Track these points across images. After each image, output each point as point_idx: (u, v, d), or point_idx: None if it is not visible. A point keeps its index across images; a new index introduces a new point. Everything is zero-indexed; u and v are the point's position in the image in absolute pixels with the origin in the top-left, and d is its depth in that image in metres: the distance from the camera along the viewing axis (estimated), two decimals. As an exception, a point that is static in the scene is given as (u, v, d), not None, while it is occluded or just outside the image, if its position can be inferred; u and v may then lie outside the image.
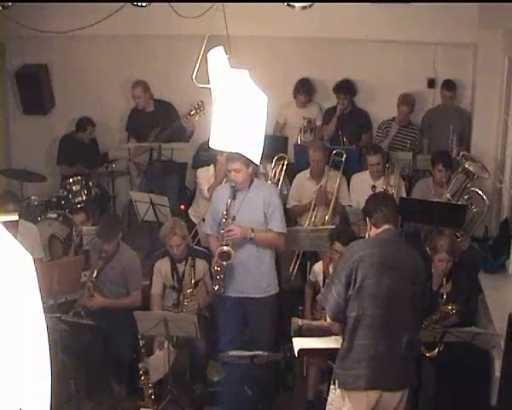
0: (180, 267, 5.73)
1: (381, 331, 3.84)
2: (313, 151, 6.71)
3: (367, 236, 4.20)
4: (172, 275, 5.75)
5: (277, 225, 5.20)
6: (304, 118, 7.90)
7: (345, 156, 6.85)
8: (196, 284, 5.69)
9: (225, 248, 5.00)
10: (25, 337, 1.60)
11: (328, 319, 4.06)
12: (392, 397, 3.91)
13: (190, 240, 5.86)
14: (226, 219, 5.05)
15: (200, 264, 5.70)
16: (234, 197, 5.07)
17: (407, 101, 7.62)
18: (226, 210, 5.04)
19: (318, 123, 7.97)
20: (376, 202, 4.17)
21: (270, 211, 5.17)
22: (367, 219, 4.12)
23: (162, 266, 5.78)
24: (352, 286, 3.85)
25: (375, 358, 3.84)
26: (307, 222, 6.53)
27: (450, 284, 5.31)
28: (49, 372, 1.68)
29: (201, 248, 5.96)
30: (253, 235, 5.08)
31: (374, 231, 4.07)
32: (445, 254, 5.31)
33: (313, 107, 8.03)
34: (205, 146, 6.80)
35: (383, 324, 3.84)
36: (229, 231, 5.01)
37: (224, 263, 5.05)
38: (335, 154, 6.88)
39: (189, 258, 5.71)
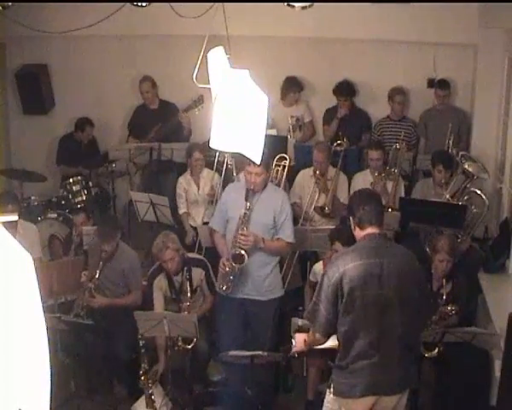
0: (177, 279, 5.68)
1: (374, 341, 3.80)
2: (317, 152, 6.74)
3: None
4: (170, 288, 5.69)
5: (287, 234, 5.22)
6: (292, 117, 7.89)
7: (344, 153, 6.98)
8: (194, 291, 5.68)
9: (242, 251, 5.01)
10: (25, 337, 1.60)
11: (318, 335, 3.96)
12: (390, 400, 3.90)
13: (184, 251, 5.82)
14: (242, 223, 5.05)
15: (197, 272, 5.67)
16: (247, 199, 5.07)
17: (399, 91, 7.72)
18: (244, 213, 5.04)
19: (307, 120, 7.97)
20: (360, 199, 4.02)
21: (282, 219, 5.18)
22: (351, 218, 4.00)
23: (161, 283, 5.71)
24: (340, 302, 3.80)
25: (370, 366, 3.82)
26: (310, 213, 6.69)
27: (451, 285, 5.31)
28: (49, 372, 1.68)
29: (196, 256, 5.94)
30: (263, 245, 5.11)
31: (358, 233, 3.95)
32: (446, 254, 5.30)
33: (300, 104, 8.02)
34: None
35: (375, 333, 3.80)
36: (244, 235, 5.02)
37: (235, 265, 5.06)
38: (336, 145, 7.04)
39: (185, 268, 5.64)
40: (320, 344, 4.09)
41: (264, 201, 5.18)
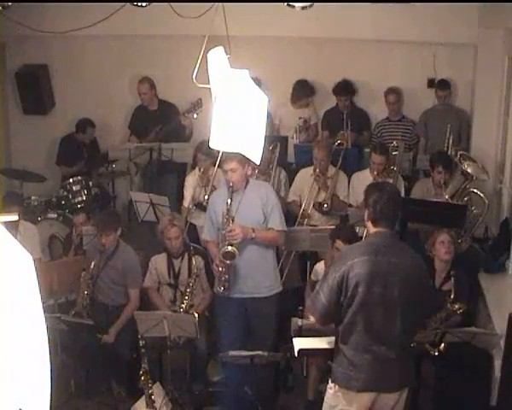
0: (176, 263, 5.76)
1: (374, 338, 3.82)
2: (317, 150, 6.76)
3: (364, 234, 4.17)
4: (169, 271, 5.77)
5: (277, 223, 5.20)
6: (300, 118, 7.91)
7: (344, 153, 7.00)
8: (194, 280, 5.70)
9: (229, 248, 4.99)
10: (25, 337, 1.60)
11: (313, 320, 4.08)
12: (388, 398, 3.91)
13: (187, 237, 5.88)
14: (227, 220, 5.05)
15: (197, 260, 5.73)
16: (231, 198, 5.06)
17: (392, 91, 7.75)
18: (227, 210, 5.04)
19: (312, 122, 7.98)
20: (380, 195, 3.93)
21: (269, 209, 5.17)
22: (366, 209, 3.97)
23: (158, 262, 5.83)
24: (343, 293, 3.82)
25: (370, 362, 3.83)
26: (309, 210, 6.68)
27: (452, 282, 5.30)
28: (49, 372, 1.68)
29: (198, 246, 5.97)
30: (253, 235, 5.07)
31: (369, 226, 3.97)
32: (446, 234, 5.30)
33: (309, 106, 8.03)
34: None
35: (376, 330, 3.82)
36: (231, 231, 5.01)
37: (228, 262, 5.05)
38: (338, 145, 7.04)
39: (186, 254, 5.74)
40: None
41: (249, 197, 5.16)
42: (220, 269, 5.09)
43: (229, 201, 5.02)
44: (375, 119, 8.02)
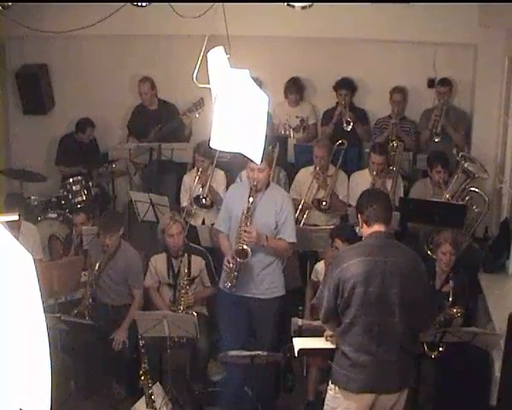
0: (176, 263, 5.76)
1: (374, 339, 3.84)
2: (318, 149, 6.77)
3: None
4: (168, 271, 5.77)
5: (289, 234, 5.22)
6: (297, 117, 7.91)
7: (344, 153, 6.99)
8: (192, 280, 5.70)
9: (245, 246, 5.00)
10: (25, 337, 1.60)
11: (320, 321, 4.13)
12: (388, 398, 3.92)
13: (185, 238, 5.88)
14: (246, 218, 5.05)
15: (196, 260, 5.73)
16: (253, 196, 5.05)
17: (398, 90, 7.73)
18: (247, 208, 5.04)
19: (311, 121, 7.97)
20: (369, 198, 4.12)
21: (283, 219, 5.18)
22: (359, 215, 4.08)
23: (158, 262, 5.83)
24: (340, 295, 3.86)
25: (371, 363, 3.84)
26: (307, 207, 6.72)
27: (452, 283, 5.30)
28: (49, 372, 1.68)
29: (197, 246, 5.97)
30: (266, 243, 5.09)
31: (365, 229, 4.03)
32: (449, 246, 5.30)
33: (305, 105, 8.02)
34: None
35: (374, 331, 3.84)
36: (247, 232, 5.01)
37: (239, 260, 5.05)
38: (338, 145, 7.01)
39: (185, 254, 5.74)
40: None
41: (266, 200, 5.18)
42: (231, 266, 5.09)
43: (250, 199, 5.04)
44: (374, 119, 7.99)
